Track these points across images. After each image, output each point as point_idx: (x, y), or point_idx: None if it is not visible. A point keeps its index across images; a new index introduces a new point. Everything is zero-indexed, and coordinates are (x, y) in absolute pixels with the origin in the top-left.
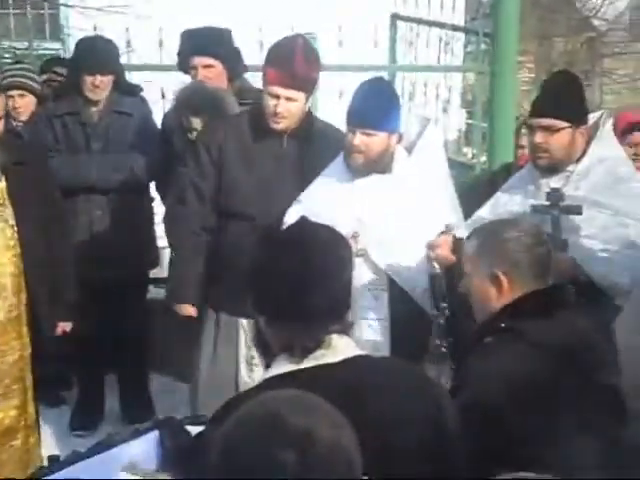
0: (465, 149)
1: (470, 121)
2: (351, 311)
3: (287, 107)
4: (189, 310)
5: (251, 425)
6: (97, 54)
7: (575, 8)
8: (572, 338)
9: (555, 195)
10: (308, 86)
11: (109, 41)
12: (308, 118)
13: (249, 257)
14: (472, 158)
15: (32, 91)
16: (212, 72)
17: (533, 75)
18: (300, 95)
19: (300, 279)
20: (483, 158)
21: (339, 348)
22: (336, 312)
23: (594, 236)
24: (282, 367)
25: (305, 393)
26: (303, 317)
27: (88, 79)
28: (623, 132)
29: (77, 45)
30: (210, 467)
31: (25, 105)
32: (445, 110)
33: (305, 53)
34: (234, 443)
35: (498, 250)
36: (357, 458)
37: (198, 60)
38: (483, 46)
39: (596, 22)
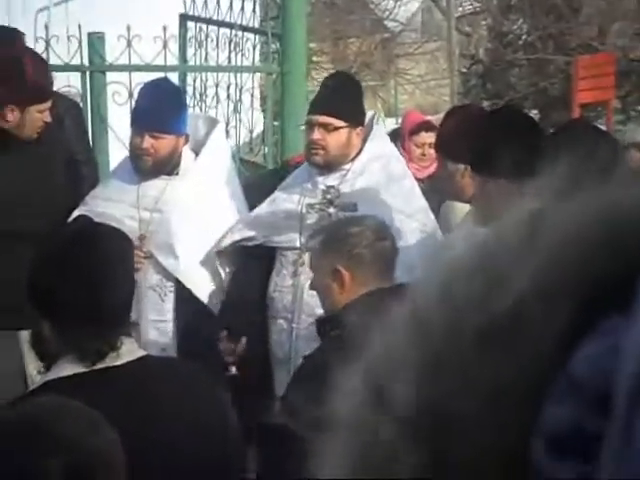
0: (259, 149)
1: (264, 121)
2: (137, 312)
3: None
4: None
5: (13, 434)
6: None
7: (369, 9)
8: None
9: (330, 193)
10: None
11: None
12: None
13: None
14: (265, 158)
15: None
16: None
17: None
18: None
19: (89, 282)
20: (276, 158)
21: (124, 350)
22: (124, 313)
23: None
24: (68, 369)
25: (68, 399)
26: (94, 320)
27: None
28: (411, 132)
29: None
30: None
31: None
32: (236, 110)
33: (35, 62)
34: None
35: (340, 245)
36: (120, 464)
37: None
38: (274, 47)
39: (390, 23)
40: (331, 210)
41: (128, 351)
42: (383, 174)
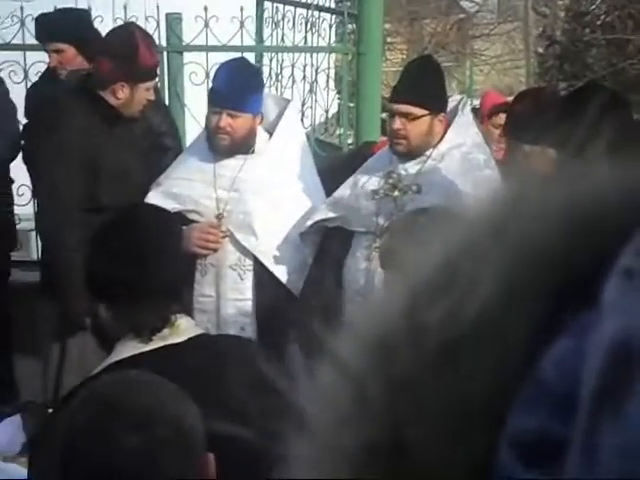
0: (334, 129)
1: (339, 101)
2: (217, 291)
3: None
4: None
5: (92, 408)
6: None
7: None
8: None
9: (392, 177)
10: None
11: None
12: None
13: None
14: (340, 139)
15: None
16: (64, 57)
17: (405, 56)
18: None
19: (136, 259)
20: (351, 139)
21: (182, 327)
22: (176, 290)
23: None
24: (127, 350)
25: (145, 373)
26: (145, 296)
27: None
28: (489, 114)
29: None
30: (56, 452)
31: None
32: (312, 91)
33: (146, 41)
34: (76, 428)
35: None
36: (201, 436)
37: (51, 46)
38: (350, 27)
39: (465, 4)
40: (395, 194)
41: (187, 329)
42: (463, 163)
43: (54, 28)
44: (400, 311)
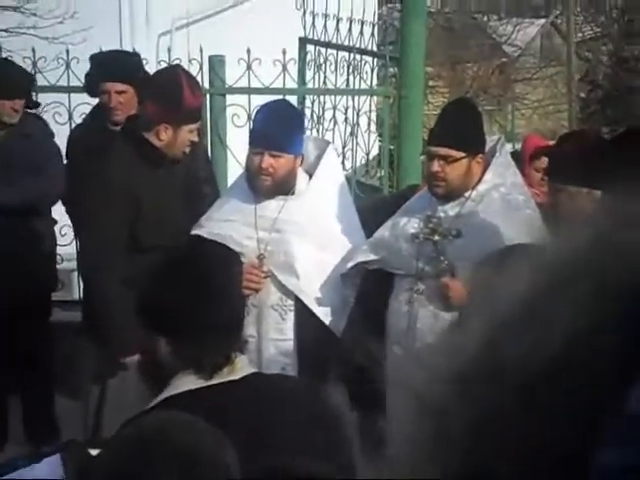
0: (375, 172)
1: (380, 144)
2: (258, 331)
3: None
4: None
5: (135, 446)
6: (12, 79)
7: (487, 34)
8: None
9: (432, 222)
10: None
11: (19, 66)
12: None
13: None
14: (381, 181)
15: None
16: (124, 97)
17: (446, 99)
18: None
19: (204, 294)
20: (391, 181)
21: (239, 366)
22: (238, 327)
23: None
24: (185, 385)
25: (186, 414)
26: (211, 332)
27: (7, 104)
28: (531, 157)
29: None
30: None
31: None
32: (353, 133)
33: (191, 85)
34: (119, 466)
35: None
36: (237, 476)
37: (110, 86)
38: (391, 70)
39: (508, 48)
40: (435, 238)
41: (243, 367)
42: (502, 203)
43: (116, 68)
44: (479, 345)
